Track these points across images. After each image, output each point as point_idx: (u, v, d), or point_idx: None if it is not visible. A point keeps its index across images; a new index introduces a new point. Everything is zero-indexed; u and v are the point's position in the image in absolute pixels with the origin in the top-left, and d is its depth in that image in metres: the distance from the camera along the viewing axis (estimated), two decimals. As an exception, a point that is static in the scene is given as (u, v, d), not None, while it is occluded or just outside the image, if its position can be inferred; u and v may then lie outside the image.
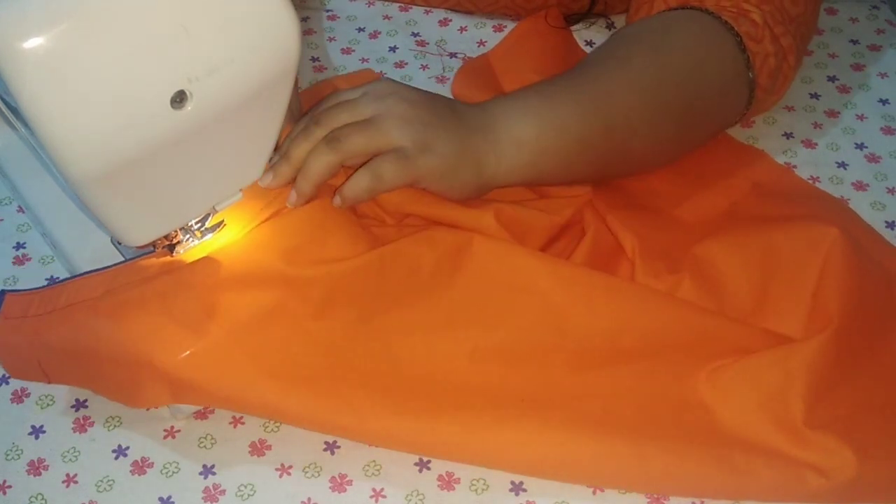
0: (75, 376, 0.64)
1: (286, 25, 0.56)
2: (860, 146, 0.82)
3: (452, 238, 0.67)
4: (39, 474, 0.62)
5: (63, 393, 0.66)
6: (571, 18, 0.92)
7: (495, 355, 0.63)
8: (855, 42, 0.92)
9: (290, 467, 0.62)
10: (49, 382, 0.65)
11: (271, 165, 0.66)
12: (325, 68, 0.89)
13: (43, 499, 0.61)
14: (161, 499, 0.61)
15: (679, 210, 0.74)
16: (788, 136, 0.83)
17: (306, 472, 0.62)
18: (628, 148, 0.72)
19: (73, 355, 0.63)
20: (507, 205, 0.69)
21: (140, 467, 0.62)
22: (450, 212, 0.68)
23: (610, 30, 0.93)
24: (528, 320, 0.64)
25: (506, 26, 0.93)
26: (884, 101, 0.86)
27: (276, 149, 0.67)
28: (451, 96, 0.86)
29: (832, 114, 0.85)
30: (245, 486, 0.61)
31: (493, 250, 0.66)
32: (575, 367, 0.63)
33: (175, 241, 0.64)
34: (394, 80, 0.70)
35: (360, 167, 0.66)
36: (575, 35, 0.92)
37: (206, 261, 0.64)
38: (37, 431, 0.64)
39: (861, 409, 0.62)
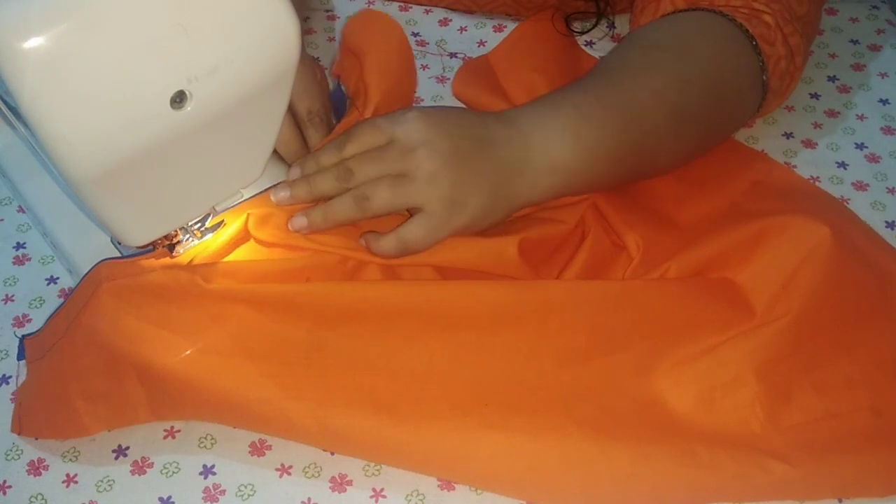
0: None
1: (286, 25, 0.56)
2: (860, 146, 0.82)
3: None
4: (39, 474, 0.62)
5: (63, 393, 0.66)
6: (573, 18, 0.92)
7: (454, 360, 0.63)
8: (855, 42, 0.92)
9: (290, 467, 0.62)
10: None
11: (290, 182, 0.66)
12: (326, 68, 0.89)
13: (43, 499, 0.61)
14: (161, 499, 0.61)
15: (679, 212, 0.74)
16: (788, 136, 0.83)
17: (306, 472, 0.62)
18: (654, 160, 0.73)
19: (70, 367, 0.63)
20: (529, 232, 0.68)
21: (140, 467, 0.62)
22: (468, 254, 0.67)
23: (611, 30, 0.93)
24: (485, 328, 0.64)
25: (506, 26, 0.93)
26: (884, 101, 0.86)
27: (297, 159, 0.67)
28: (451, 96, 0.86)
29: (832, 114, 0.85)
30: (245, 486, 0.61)
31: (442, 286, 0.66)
32: (534, 370, 0.63)
33: (175, 241, 0.65)
34: (423, 116, 0.66)
35: (390, 232, 0.65)
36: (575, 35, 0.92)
37: (205, 266, 0.64)
38: (37, 431, 0.64)
39: (824, 407, 0.62)
